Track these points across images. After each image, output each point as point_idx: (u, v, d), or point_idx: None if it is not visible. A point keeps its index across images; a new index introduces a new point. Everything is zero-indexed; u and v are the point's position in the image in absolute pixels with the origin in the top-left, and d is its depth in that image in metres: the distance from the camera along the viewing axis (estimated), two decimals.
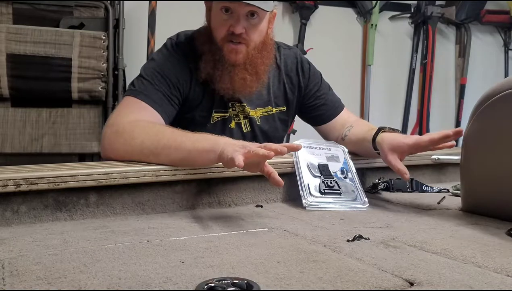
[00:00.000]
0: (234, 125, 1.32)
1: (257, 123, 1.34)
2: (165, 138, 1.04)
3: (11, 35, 2.02)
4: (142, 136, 1.06)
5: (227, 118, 1.31)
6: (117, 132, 1.10)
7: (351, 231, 0.86)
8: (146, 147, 1.05)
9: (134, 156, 1.06)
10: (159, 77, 1.21)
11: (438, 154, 1.41)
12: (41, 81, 2.06)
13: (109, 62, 2.18)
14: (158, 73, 1.22)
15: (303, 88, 1.41)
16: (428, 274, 0.64)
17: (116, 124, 1.12)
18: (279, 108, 1.39)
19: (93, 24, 2.18)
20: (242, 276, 0.62)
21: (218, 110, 1.30)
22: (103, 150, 1.13)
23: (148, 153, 1.04)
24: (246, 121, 1.33)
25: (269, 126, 1.36)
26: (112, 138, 1.10)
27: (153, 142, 1.04)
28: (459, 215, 1.02)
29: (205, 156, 0.99)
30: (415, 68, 3.25)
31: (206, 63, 1.24)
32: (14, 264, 0.67)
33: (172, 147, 1.02)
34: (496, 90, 0.89)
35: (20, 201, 0.91)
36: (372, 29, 3.07)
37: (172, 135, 1.05)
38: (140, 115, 1.14)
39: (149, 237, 0.82)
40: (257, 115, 1.34)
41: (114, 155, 1.10)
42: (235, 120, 1.32)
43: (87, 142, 2.16)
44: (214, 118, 1.29)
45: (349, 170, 1.17)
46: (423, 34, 3.21)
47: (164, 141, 1.04)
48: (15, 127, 2.08)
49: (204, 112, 1.29)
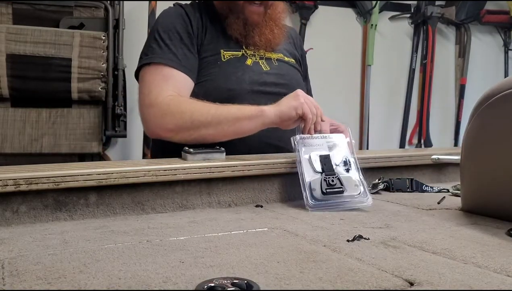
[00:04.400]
0: (251, 63, 1.32)
1: (275, 64, 1.36)
2: (212, 110, 1.13)
3: (11, 35, 2.02)
4: (190, 110, 1.13)
5: (241, 57, 1.32)
6: (162, 110, 1.16)
7: (351, 231, 0.86)
8: (196, 118, 1.12)
9: (185, 130, 1.14)
10: (174, 34, 1.25)
11: (438, 154, 1.41)
12: (41, 81, 2.06)
13: (109, 63, 2.18)
14: (171, 30, 1.26)
15: (299, 56, 1.48)
16: (428, 274, 0.64)
17: (158, 104, 1.17)
18: (289, 59, 1.42)
19: (93, 24, 2.18)
20: (242, 276, 0.62)
21: (228, 49, 1.32)
22: (150, 130, 1.20)
23: (198, 124, 1.12)
24: (263, 61, 1.35)
25: (286, 69, 1.38)
26: (159, 117, 1.16)
27: (202, 113, 1.12)
28: (459, 215, 1.01)
29: (254, 120, 1.11)
30: (415, 69, 3.25)
31: (235, 23, 1.30)
32: (14, 264, 0.67)
33: (221, 116, 1.12)
34: (496, 90, 0.89)
35: (20, 201, 0.91)
36: (372, 29, 3.07)
37: (218, 107, 1.14)
38: (172, 85, 1.20)
39: (149, 237, 0.82)
40: (273, 57, 1.37)
41: (164, 132, 1.18)
42: (252, 59, 1.33)
43: (87, 142, 2.17)
44: (226, 56, 1.30)
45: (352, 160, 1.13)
46: (423, 34, 3.21)
47: (212, 112, 1.12)
48: (15, 127, 2.08)
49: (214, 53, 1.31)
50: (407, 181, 1.27)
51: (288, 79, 1.35)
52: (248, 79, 1.28)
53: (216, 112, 1.12)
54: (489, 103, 0.90)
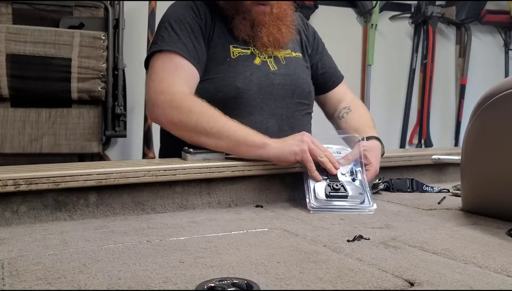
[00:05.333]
0: (259, 62, 1.32)
1: (282, 63, 1.35)
2: (220, 123, 1.12)
3: (11, 35, 2.02)
4: (198, 115, 1.13)
5: (249, 55, 1.32)
6: (173, 101, 1.16)
7: (351, 231, 0.86)
8: (200, 124, 1.12)
9: (186, 129, 1.14)
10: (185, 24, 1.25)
11: (439, 154, 1.40)
12: (40, 81, 2.06)
13: (108, 62, 2.18)
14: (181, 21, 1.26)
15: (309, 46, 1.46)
16: (429, 274, 0.64)
17: (171, 93, 1.17)
18: (297, 53, 1.41)
19: (93, 24, 2.18)
20: (242, 276, 0.62)
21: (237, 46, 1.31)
22: (155, 115, 1.20)
23: (201, 130, 1.12)
24: (271, 60, 1.34)
25: (294, 66, 1.37)
26: (167, 107, 1.17)
27: (208, 123, 1.12)
28: (459, 215, 1.01)
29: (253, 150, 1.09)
30: (415, 68, 3.25)
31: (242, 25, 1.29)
32: (13, 264, 0.67)
33: (224, 133, 1.10)
34: (496, 90, 0.89)
35: (19, 201, 0.91)
36: (372, 29, 3.07)
37: (226, 122, 1.12)
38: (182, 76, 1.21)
39: (149, 237, 0.82)
40: (281, 55, 1.36)
41: (167, 122, 1.19)
42: (260, 57, 1.33)
43: (87, 142, 2.16)
44: (235, 53, 1.30)
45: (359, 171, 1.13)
46: (423, 34, 3.21)
47: (218, 126, 1.11)
48: (15, 127, 2.08)
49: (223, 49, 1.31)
50: (408, 181, 1.27)
51: (295, 78, 1.35)
52: (256, 80, 1.29)
53: (222, 127, 1.11)
54: (490, 103, 0.89)
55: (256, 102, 1.28)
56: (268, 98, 1.30)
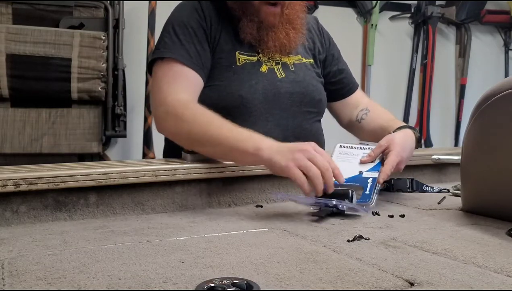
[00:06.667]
0: (266, 70, 1.28)
1: (291, 70, 1.31)
2: (211, 130, 1.07)
3: (11, 35, 2.02)
4: (190, 124, 1.10)
5: (256, 62, 1.28)
6: (168, 112, 1.15)
7: (351, 231, 0.86)
8: (193, 134, 1.10)
9: (181, 139, 1.14)
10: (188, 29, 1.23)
11: (439, 154, 1.40)
12: (40, 81, 2.06)
13: (108, 63, 2.18)
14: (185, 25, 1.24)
15: (323, 51, 1.42)
16: (429, 274, 0.64)
17: (166, 104, 1.16)
18: (308, 59, 1.37)
19: (92, 24, 2.18)
20: (242, 276, 0.62)
21: (243, 52, 1.28)
22: (158, 127, 1.20)
23: (194, 140, 1.10)
24: (279, 67, 1.30)
25: (303, 73, 1.33)
26: (163, 118, 1.16)
27: (199, 132, 1.08)
28: (459, 215, 1.01)
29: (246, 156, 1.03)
30: (415, 68, 3.25)
31: (249, 27, 1.26)
32: (13, 264, 0.67)
33: (216, 141, 1.06)
34: (496, 90, 0.89)
35: (19, 201, 0.91)
36: (372, 29, 3.07)
37: (218, 129, 1.07)
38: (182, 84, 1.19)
39: (149, 237, 0.82)
40: (290, 61, 1.32)
41: (167, 133, 1.21)
42: (267, 65, 1.29)
43: (86, 142, 2.16)
44: (241, 60, 1.27)
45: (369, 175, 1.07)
46: (423, 34, 3.21)
47: (209, 134, 1.07)
48: (15, 127, 2.08)
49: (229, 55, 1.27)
50: (408, 181, 1.27)
51: (304, 86, 1.31)
52: (262, 88, 1.25)
53: (213, 134, 1.06)
54: (490, 103, 0.90)
55: (260, 112, 1.25)
56: (274, 108, 1.26)
